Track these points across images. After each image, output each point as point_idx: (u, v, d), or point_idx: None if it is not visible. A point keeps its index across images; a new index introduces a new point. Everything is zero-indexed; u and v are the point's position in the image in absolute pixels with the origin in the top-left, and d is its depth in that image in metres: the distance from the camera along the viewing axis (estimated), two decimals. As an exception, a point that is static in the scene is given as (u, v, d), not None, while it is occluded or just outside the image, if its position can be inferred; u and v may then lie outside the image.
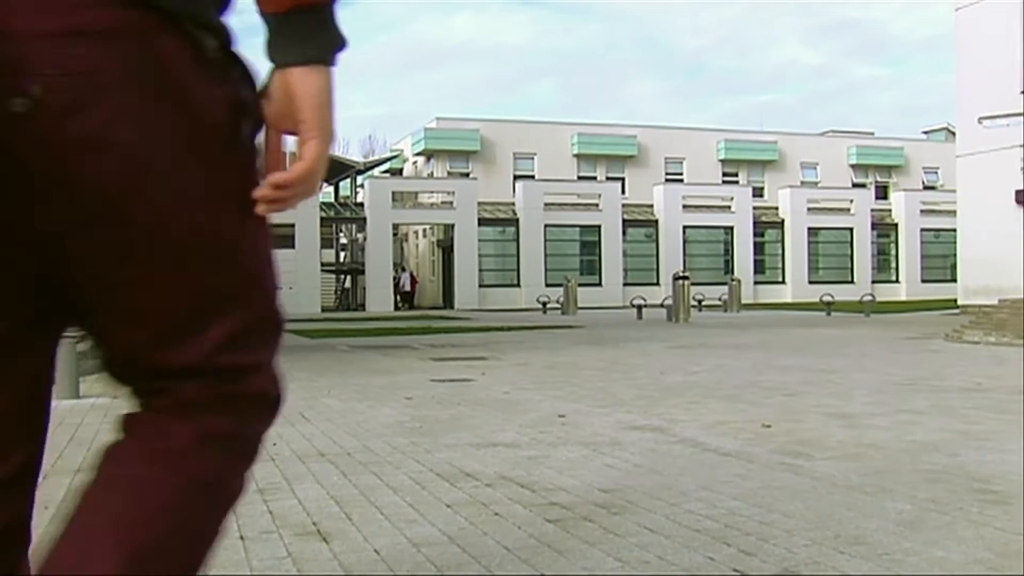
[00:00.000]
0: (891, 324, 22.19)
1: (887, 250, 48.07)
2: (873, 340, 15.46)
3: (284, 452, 5.10)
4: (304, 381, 9.28)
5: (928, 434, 5.42)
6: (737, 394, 7.64)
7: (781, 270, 45.85)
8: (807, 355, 12.03)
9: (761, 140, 51.03)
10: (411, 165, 49.40)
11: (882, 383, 8.43)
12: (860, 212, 46.44)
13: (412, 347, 14.85)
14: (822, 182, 50.90)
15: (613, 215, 42.23)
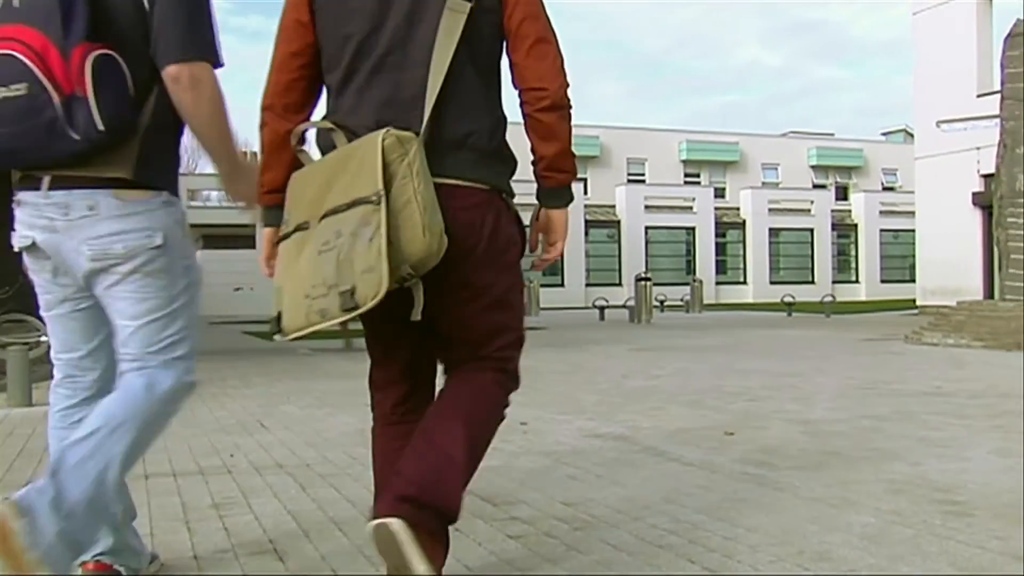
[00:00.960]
0: (851, 325, 22.31)
1: (847, 251, 48.46)
2: (834, 342, 15.53)
3: (241, 464, 5.02)
4: (263, 387, 9.18)
5: (889, 441, 5.41)
6: (699, 399, 7.61)
7: (742, 270, 46.08)
8: (769, 358, 12.05)
9: (723, 141, 51.26)
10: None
11: (843, 387, 8.44)
12: (820, 213, 46.76)
13: (373, 350, 14.77)
14: (783, 183, 51.25)
15: (575, 216, 42.14)
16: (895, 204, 47.46)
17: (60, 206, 2.52)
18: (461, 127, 2.46)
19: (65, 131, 2.36)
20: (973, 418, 6.36)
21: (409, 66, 2.45)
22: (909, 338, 14.47)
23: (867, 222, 47.58)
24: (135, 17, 2.49)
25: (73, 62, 2.35)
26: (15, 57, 2.33)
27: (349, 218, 2.29)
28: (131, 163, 2.50)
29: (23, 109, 2.35)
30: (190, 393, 2.78)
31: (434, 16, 2.43)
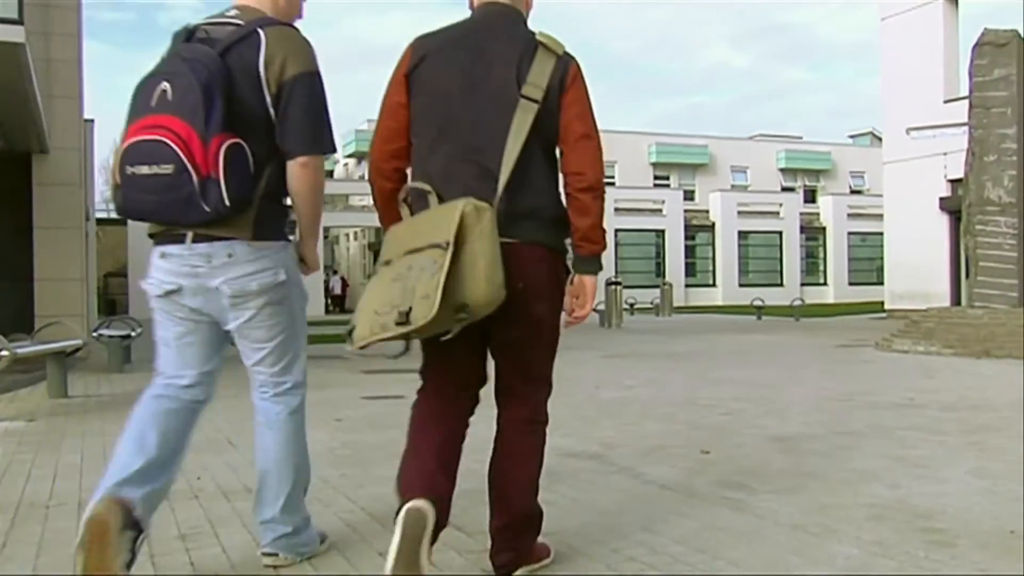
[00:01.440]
0: (821, 329, 22.38)
1: (815, 253, 48.76)
2: (804, 348, 15.55)
3: (209, 488, 4.90)
4: (231, 400, 8.96)
5: (867, 460, 5.36)
6: (673, 413, 7.55)
7: (712, 273, 46.25)
8: (741, 366, 12.03)
9: (692, 144, 51.44)
10: (342, 167, 48.98)
11: (817, 399, 8.40)
12: (789, 215, 47.02)
13: (343, 357, 14.62)
14: (752, 185, 51.49)
15: (546, 218, 42.12)
16: (863, 207, 47.82)
17: (203, 255, 3.14)
18: (529, 201, 3.06)
19: (200, 204, 2.96)
20: (948, 434, 6.33)
21: (488, 149, 3.04)
22: (880, 345, 14.50)
23: (835, 225, 47.89)
24: (260, 112, 3.11)
25: (211, 150, 2.94)
26: (166, 143, 2.92)
27: (422, 257, 2.85)
28: (250, 228, 3.13)
29: (168, 185, 2.94)
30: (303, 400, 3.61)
31: (509, 110, 3.04)
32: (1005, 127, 14.12)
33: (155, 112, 2.98)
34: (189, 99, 2.95)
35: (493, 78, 3.09)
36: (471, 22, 3.30)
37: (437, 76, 3.15)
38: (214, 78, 2.99)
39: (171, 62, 3.08)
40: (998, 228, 14.10)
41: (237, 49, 3.11)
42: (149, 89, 3.04)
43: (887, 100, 28.20)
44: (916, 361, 12.37)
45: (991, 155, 14.15)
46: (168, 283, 3.20)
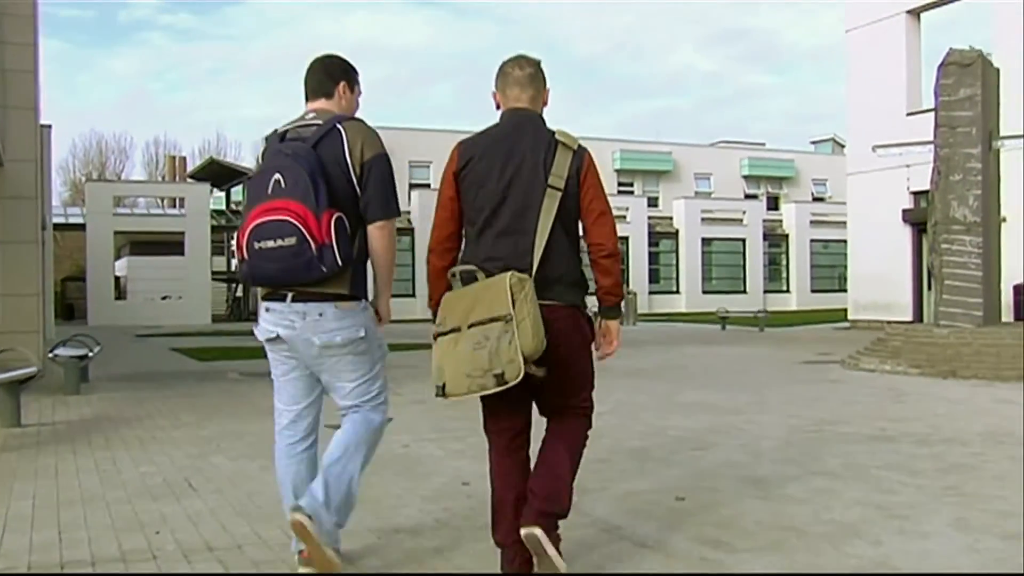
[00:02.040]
0: (785, 341, 22.40)
1: (778, 260, 48.94)
2: (771, 364, 15.50)
3: (167, 545, 4.70)
4: (192, 429, 8.81)
5: (846, 510, 5.25)
6: (645, 448, 7.42)
7: (675, 280, 46.28)
8: (709, 387, 11.94)
9: (656, 150, 51.48)
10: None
11: (788, 430, 8.31)
12: (752, 223, 47.15)
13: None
14: (715, 192, 51.59)
15: (509, 225, 41.96)
16: (825, 214, 48.05)
17: (299, 312, 3.92)
18: (557, 270, 3.85)
19: (319, 266, 3.77)
20: (923, 474, 6.24)
21: (523, 231, 3.84)
22: (846, 363, 14.48)
23: (798, 232, 48.08)
24: (348, 189, 3.92)
25: (323, 223, 3.76)
26: (289, 221, 3.74)
27: (492, 328, 3.64)
28: (347, 283, 3.91)
29: (292, 254, 3.75)
30: (387, 423, 4.23)
31: (538, 199, 3.85)
32: (970, 147, 14.12)
33: (273, 198, 3.80)
34: (300, 186, 3.77)
35: (524, 172, 3.90)
36: (502, 127, 4.07)
37: (480, 175, 3.94)
38: (315, 167, 3.82)
39: (277, 158, 3.91)
40: (963, 247, 14.11)
41: (324, 143, 3.94)
42: (263, 181, 3.85)
43: (851, 112, 28.34)
44: (884, 382, 12.32)
45: (957, 174, 14.16)
46: (270, 331, 4.03)
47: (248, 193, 3.99)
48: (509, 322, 3.60)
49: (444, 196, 4.03)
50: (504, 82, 4.14)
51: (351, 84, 4.34)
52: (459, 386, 3.70)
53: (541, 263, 3.77)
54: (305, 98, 4.26)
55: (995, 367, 12.57)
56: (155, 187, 53.46)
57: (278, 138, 4.07)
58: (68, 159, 72.56)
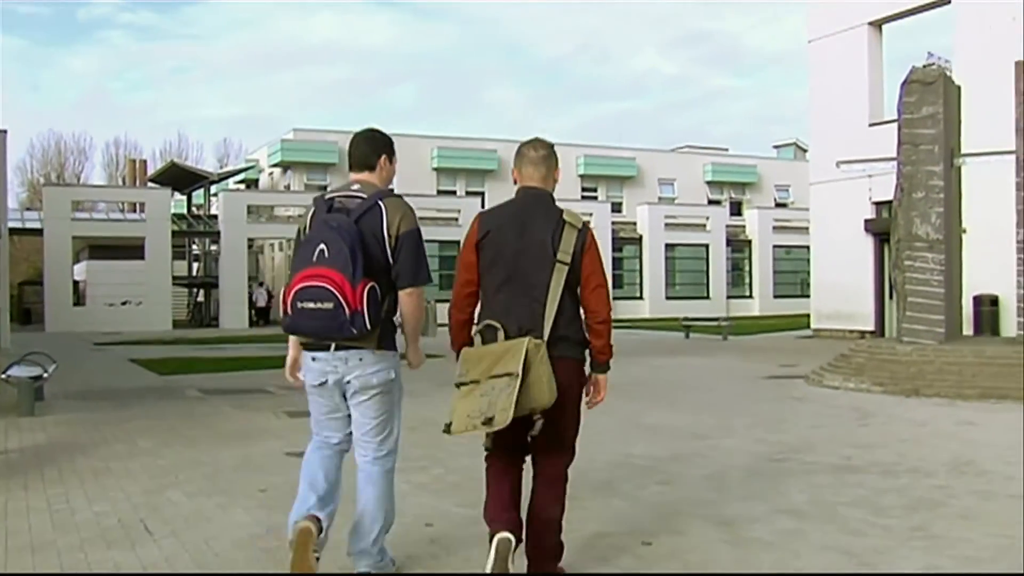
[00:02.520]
0: (749, 351, 22.45)
1: (741, 266, 49.13)
2: (736, 378, 15.48)
3: (121, 603, 4.55)
4: (149, 457, 8.62)
5: (814, 556, 5.19)
6: (610, 481, 7.34)
7: (639, 286, 46.32)
8: (675, 407, 11.90)
9: (620, 156, 51.58)
10: (267, 176, 48.21)
11: (754, 459, 8.26)
12: (716, 229, 47.32)
13: (266, 391, 14.23)
14: (679, 198, 51.79)
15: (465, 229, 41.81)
16: (787, 220, 48.31)
17: (341, 359, 4.58)
18: (564, 331, 4.52)
19: (350, 328, 4.41)
20: (890, 512, 6.21)
21: (535, 298, 4.51)
22: (810, 379, 14.49)
23: (760, 238, 48.31)
24: (383, 260, 4.55)
25: (357, 292, 4.39)
26: (328, 289, 4.36)
27: (501, 381, 4.31)
28: (375, 339, 4.57)
29: (329, 316, 4.39)
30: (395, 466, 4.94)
31: (548, 268, 4.50)
32: (933, 164, 14.19)
33: (317, 265, 4.41)
34: (341, 257, 4.39)
35: (535, 245, 4.55)
36: (516, 204, 4.71)
37: (498, 244, 4.60)
38: (355, 241, 4.44)
39: (323, 230, 4.51)
40: (926, 264, 14.17)
41: (366, 217, 4.57)
42: (310, 248, 4.47)
43: (814, 122, 28.47)
44: (848, 401, 12.32)
45: (919, 192, 14.22)
46: (319, 378, 4.68)
47: (297, 255, 4.62)
48: (515, 378, 4.27)
49: (465, 260, 4.69)
50: (521, 162, 4.79)
51: (390, 157, 4.93)
52: (460, 425, 4.38)
53: (552, 326, 4.47)
54: (350, 167, 4.90)
55: (957, 385, 12.61)
56: (115, 192, 52.86)
57: (325, 206, 4.67)
58: (26, 159, 71.71)
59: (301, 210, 40.69)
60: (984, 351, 13.22)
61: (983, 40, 23.01)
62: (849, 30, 26.63)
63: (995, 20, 22.67)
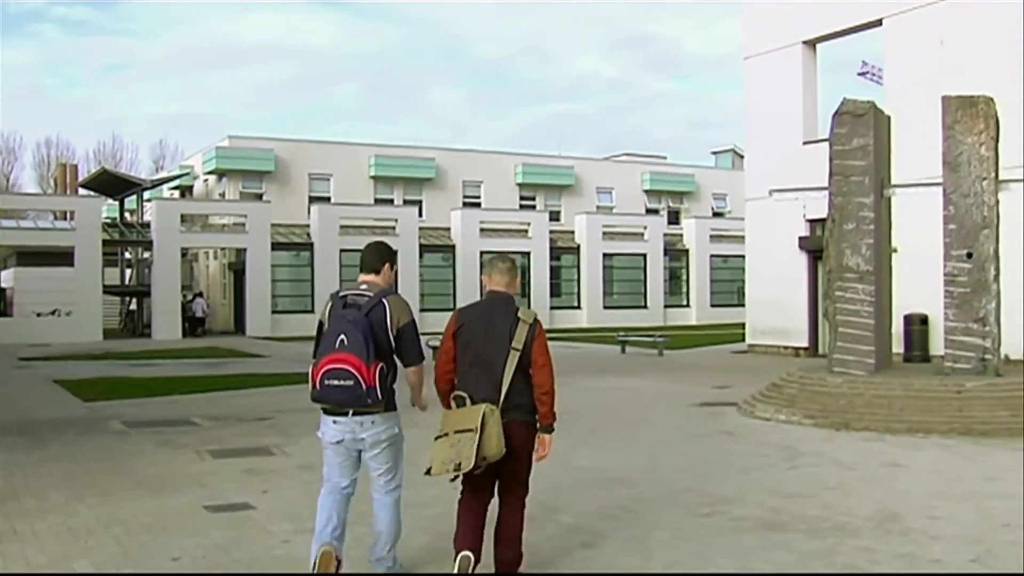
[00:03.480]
0: (684, 370, 22.50)
1: (679, 275, 49.41)
2: (668, 406, 15.44)
3: None
4: (59, 516, 8.29)
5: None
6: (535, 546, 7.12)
7: (577, 295, 46.39)
8: (604, 443, 11.82)
9: (558, 165, 51.63)
10: (202, 183, 47.51)
11: (681, 515, 8.15)
12: (653, 238, 47.58)
13: (192, 422, 13.92)
14: (617, 207, 51.96)
15: (410, 239, 41.75)
16: (725, 229, 48.68)
17: (357, 422, 5.90)
18: (516, 400, 5.93)
19: (365, 399, 5.73)
20: (814, 584, 6.15)
21: (495, 374, 5.92)
22: (743, 409, 14.49)
23: (698, 247, 48.65)
24: (388, 345, 5.90)
25: (371, 372, 5.70)
26: (348, 370, 5.67)
27: (464, 436, 5.69)
28: (384, 404, 5.89)
29: (350, 390, 5.71)
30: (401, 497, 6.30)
31: (505, 355, 5.92)
32: (863, 196, 14.27)
33: (339, 351, 5.72)
34: (357, 345, 5.70)
35: (496, 337, 6.00)
36: (484, 304, 6.23)
37: (469, 334, 6.08)
38: (367, 331, 5.76)
39: (341, 323, 5.82)
40: (856, 295, 14.24)
41: (374, 312, 5.91)
42: (333, 337, 5.77)
43: (750, 139, 28.71)
44: (778, 436, 12.30)
45: (850, 223, 14.29)
46: (338, 437, 6.01)
47: (322, 342, 5.90)
48: (475, 432, 5.69)
49: (446, 345, 6.18)
50: (491, 271, 6.30)
51: (392, 264, 6.30)
52: (437, 470, 5.82)
53: (506, 396, 5.92)
54: (361, 269, 6.27)
55: (885, 419, 12.68)
56: (44, 200, 51.91)
57: (341, 302, 6.01)
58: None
59: (237, 219, 40.35)
60: (912, 384, 13.31)
61: (913, 60, 23.31)
62: (784, 48, 26.83)
63: (923, 43, 22.95)
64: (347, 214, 41.58)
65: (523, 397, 5.98)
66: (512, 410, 5.89)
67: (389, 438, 6.01)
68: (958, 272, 13.90)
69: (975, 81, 20.90)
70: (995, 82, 20.82)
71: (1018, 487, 9.13)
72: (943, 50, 22.46)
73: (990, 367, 13.69)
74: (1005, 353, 18.96)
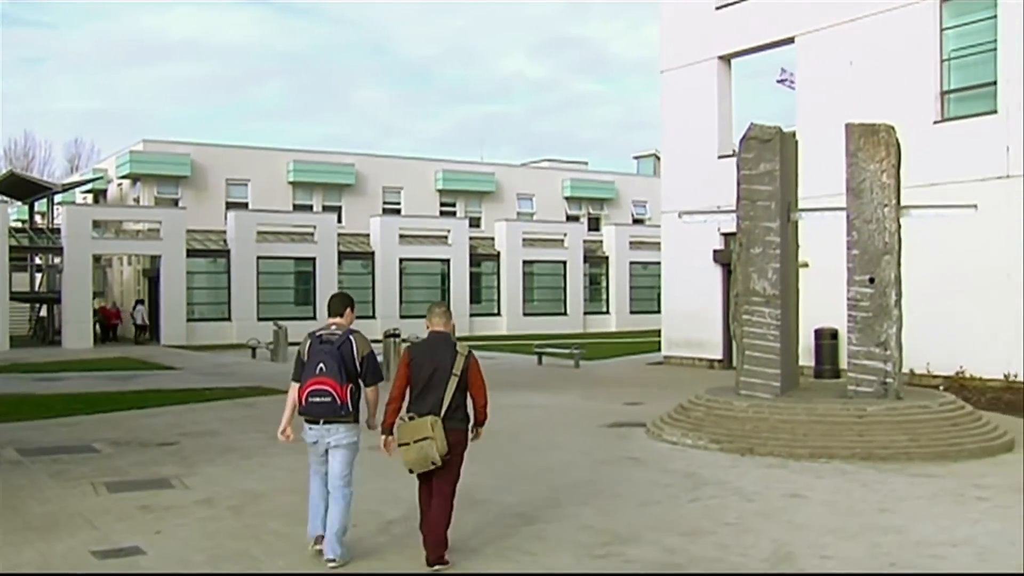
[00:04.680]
0: (597, 384, 22.57)
1: (598, 282, 49.64)
2: (577, 429, 15.44)
3: None
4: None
5: None
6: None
7: (497, 302, 46.38)
8: (507, 471, 11.74)
9: (478, 171, 51.65)
10: (116, 187, 46.56)
11: (576, 556, 8.14)
12: (573, 245, 47.75)
13: (94, 448, 13.58)
14: (537, 214, 52.09)
15: (328, 246, 41.44)
16: (644, 236, 48.99)
17: (327, 429, 7.83)
18: (454, 413, 7.77)
19: (340, 412, 7.74)
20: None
21: (439, 395, 7.71)
22: (651, 432, 14.54)
23: (617, 254, 48.94)
24: (355, 372, 7.87)
25: (344, 392, 7.73)
26: (327, 390, 7.68)
27: (425, 442, 7.54)
28: (352, 416, 7.84)
29: (328, 404, 7.71)
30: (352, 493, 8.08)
31: (447, 380, 7.74)
32: (770, 220, 14.41)
33: (319, 376, 7.67)
34: (333, 371, 7.65)
35: (440, 367, 7.76)
36: (430, 341, 7.99)
37: (419, 365, 7.83)
38: (340, 360, 7.72)
39: (320, 354, 7.77)
40: (763, 319, 14.38)
41: (343, 346, 7.82)
42: (314, 365, 7.73)
43: (666, 152, 28.97)
44: (683, 463, 12.33)
45: (757, 247, 14.42)
46: (313, 439, 7.90)
47: (305, 369, 7.86)
48: (431, 440, 7.54)
49: (400, 373, 7.93)
50: (432, 316, 8.11)
51: (352, 309, 8.23)
52: (417, 467, 7.69)
53: (447, 410, 7.72)
54: (329, 314, 8.23)
55: (789, 444, 12.80)
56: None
57: (317, 339, 7.93)
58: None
59: (151, 225, 39.52)
60: (815, 408, 13.46)
61: (824, 78, 23.68)
62: (699, 63, 27.07)
63: (833, 62, 23.32)
64: (265, 220, 41.08)
65: (459, 410, 7.82)
66: (451, 419, 7.72)
67: (349, 443, 7.89)
68: (861, 297, 14.11)
69: (883, 101, 21.43)
70: (902, 103, 21.33)
71: (908, 519, 9.34)
72: (852, 70, 22.83)
73: (891, 390, 13.91)
74: (910, 367, 19.46)
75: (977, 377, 19.98)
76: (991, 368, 19.93)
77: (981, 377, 19.91)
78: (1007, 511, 9.70)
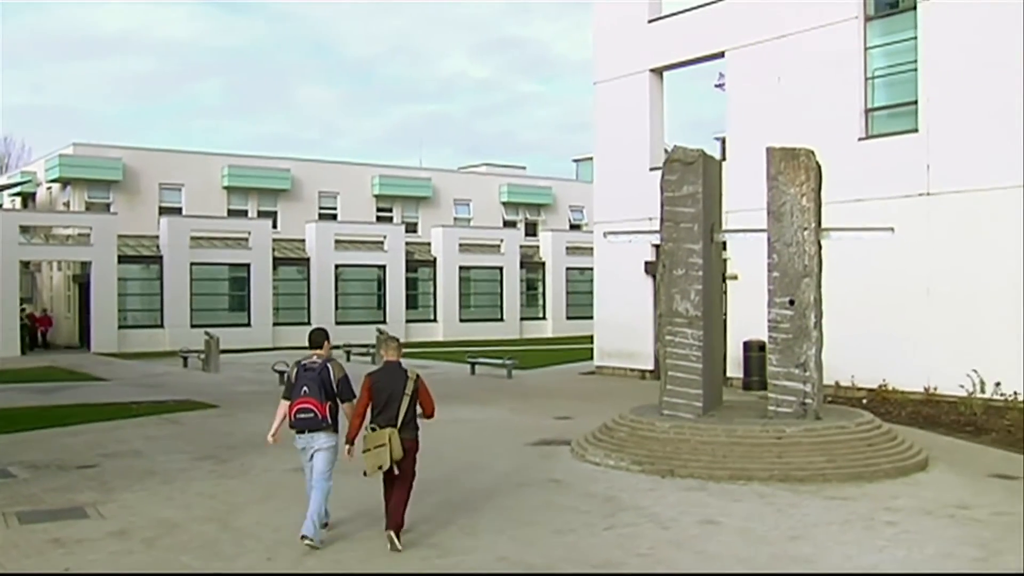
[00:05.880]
0: (529, 396, 22.64)
1: (535, 287, 49.78)
2: (502, 449, 15.45)
3: None
4: None
5: None
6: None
7: (433, 308, 46.34)
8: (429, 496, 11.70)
9: (415, 176, 51.58)
10: (45, 191, 45.78)
11: (489, 592, 8.20)
12: (510, 251, 47.87)
13: (10, 473, 13.38)
14: (474, 219, 52.12)
15: (263, 252, 41.17)
16: (581, 242, 49.12)
17: (312, 436, 9.82)
18: (408, 424, 9.67)
19: (323, 425, 9.77)
20: None
21: (395, 410, 9.61)
22: (575, 451, 14.62)
23: (554, 260, 49.13)
24: (332, 392, 9.89)
25: (325, 409, 9.76)
26: (311, 408, 9.70)
27: (382, 448, 9.46)
28: (332, 427, 9.91)
29: (312, 419, 9.72)
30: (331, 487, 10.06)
31: (400, 398, 9.63)
32: (692, 242, 14.57)
33: (304, 397, 9.66)
34: (315, 392, 9.67)
35: (396, 389, 9.63)
36: (386, 369, 9.83)
37: (378, 389, 9.68)
38: (320, 384, 9.72)
39: (304, 379, 9.73)
40: (685, 339, 14.53)
41: (323, 372, 9.78)
42: (300, 387, 9.70)
43: (600, 163, 29.07)
44: (604, 486, 12.39)
45: (680, 269, 14.57)
46: (302, 445, 9.86)
47: (293, 391, 9.75)
48: (386, 447, 9.31)
49: (363, 396, 9.69)
50: (385, 348, 10.07)
51: (328, 341, 10.09)
52: (371, 471, 9.40)
53: (402, 422, 9.48)
54: (309, 346, 10.07)
55: (709, 466, 12.94)
56: None
57: (302, 368, 9.78)
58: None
59: (83, 230, 38.88)
60: (735, 430, 13.62)
61: (753, 92, 23.98)
62: (632, 75, 27.25)
63: (762, 77, 23.63)
64: (198, 226, 40.68)
65: (412, 422, 9.66)
66: (404, 430, 9.52)
67: (328, 447, 9.78)
68: (781, 319, 14.33)
69: (810, 117, 21.79)
70: (829, 119, 21.68)
71: (817, 547, 9.53)
72: (780, 85, 23.15)
73: (810, 411, 14.13)
74: (836, 380, 19.80)
75: (899, 390, 20.34)
76: (912, 381, 20.30)
77: (903, 390, 20.27)
78: (912, 537, 9.92)
